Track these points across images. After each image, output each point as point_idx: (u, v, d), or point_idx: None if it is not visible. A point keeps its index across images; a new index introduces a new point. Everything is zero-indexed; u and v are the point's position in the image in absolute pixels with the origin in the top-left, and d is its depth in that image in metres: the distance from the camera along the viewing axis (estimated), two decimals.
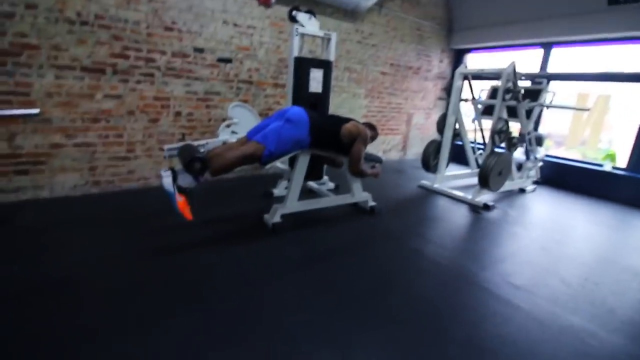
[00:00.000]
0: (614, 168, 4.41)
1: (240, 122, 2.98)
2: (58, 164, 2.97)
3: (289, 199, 2.71)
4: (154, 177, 3.48)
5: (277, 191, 3.45)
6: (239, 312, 1.66)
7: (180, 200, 2.09)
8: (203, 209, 2.99)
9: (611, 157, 4.42)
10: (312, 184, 3.60)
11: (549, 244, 2.80)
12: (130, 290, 1.78)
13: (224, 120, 3.76)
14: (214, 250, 2.27)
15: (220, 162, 2.21)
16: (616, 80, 4.46)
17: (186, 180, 2.12)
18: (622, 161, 4.39)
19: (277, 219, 2.65)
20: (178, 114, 3.48)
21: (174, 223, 2.63)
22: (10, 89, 2.66)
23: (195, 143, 2.61)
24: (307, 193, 3.46)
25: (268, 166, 2.43)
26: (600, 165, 4.50)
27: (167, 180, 2.08)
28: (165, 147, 2.23)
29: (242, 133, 2.78)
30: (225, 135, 2.88)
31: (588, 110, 3.64)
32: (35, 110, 1.94)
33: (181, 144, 2.37)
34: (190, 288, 1.84)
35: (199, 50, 3.47)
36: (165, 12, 3.21)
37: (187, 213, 2.10)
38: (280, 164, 3.23)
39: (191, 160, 2.07)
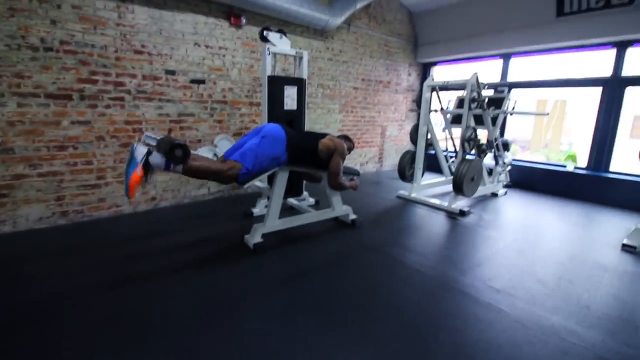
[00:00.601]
0: (576, 168, 4.69)
1: (221, 152, 2.94)
2: (21, 195, 2.81)
3: (269, 217, 2.68)
4: (127, 203, 3.36)
5: (257, 210, 3.41)
6: (224, 337, 1.61)
7: (138, 173, 1.93)
8: (182, 230, 2.92)
9: (572, 157, 4.71)
10: (292, 200, 3.59)
11: (524, 246, 2.91)
12: (104, 322, 1.69)
13: (199, 141, 3.72)
14: (195, 274, 2.20)
15: (196, 164, 2.14)
16: (571, 86, 4.80)
17: (157, 160, 1.99)
18: (583, 161, 4.68)
19: (258, 239, 2.61)
20: None
21: (151, 249, 2.54)
22: None
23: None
24: (287, 210, 3.45)
25: (247, 185, 2.41)
26: (564, 166, 4.78)
27: (140, 149, 1.96)
28: (146, 133, 2.12)
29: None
30: (205, 154, 2.84)
31: (547, 114, 3.88)
32: None
33: (162, 136, 2.28)
34: (171, 314, 1.76)
35: (171, 72, 3.44)
36: (134, 36, 3.18)
37: (134, 191, 1.94)
38: (259, 183, 3.21)
39: (175, 144, 1.97)
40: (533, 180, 4.97)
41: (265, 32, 3.16)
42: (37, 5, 2.71)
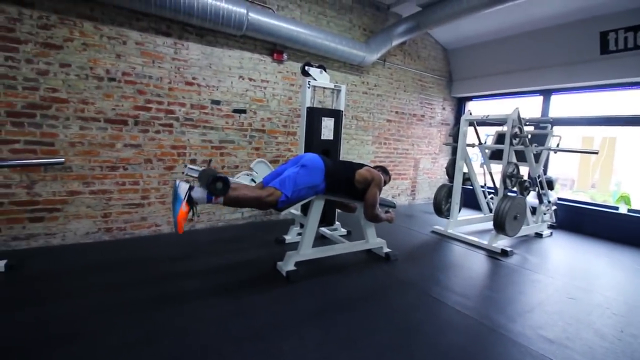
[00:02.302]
0: (629, 210, 4.34)
1: (258, 176, 3.04)
2: (73, 210, 2.99)
3: (303, 245, 2.66)
4: (166, 224, 3.48)
5: (289, 237, 3.40)
6: None
7: (184, 209, 2.00)
8: (216, 253, 2.95)
9: (625, 199, 4.37)
10: (324, 229, 3.55)
11: (576, 293, 2.66)
12: (137, 343, 1.69)
13: (236, 167, 3.85)
14: (227, 300, 2.19)
15: (236, 194, 2.19)
16: (618, 124, 4.57)
17: (199, 194, 2.07)
18: (636, 203, 4.33)
19: (291, 266, 2.58)
20: (193, 161, 3.57)
21: (185, 270, 2.58)
22: (36, 139, 2.78)
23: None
24: (319, 239, 3.41)
25: (284, 212, 2.43)
26: (616, 208, 4.43)
27: (183, 186, 2.04)
28: (188, 165, 2.22)
29: (259, 179, 2.82)
30: (242, 180, 2.92)
31: (597, 152, 3.67)
32: (61, 159, 2.00)
33: (204, 167, 2.38)
34: (202, 341, 1.74)
35: (216, 102, 3.66)
36: (187, 69, 3.45)
37: (182, 226, 2.01)
38: (293, 210, 3.22)
39: (216, 177, 2.05)
40: (581, 222, 4.63)
41: (306, 67, 3.31)
42: (107, 41, 3.03)
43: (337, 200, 2.88)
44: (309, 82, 3.27)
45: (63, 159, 2.23)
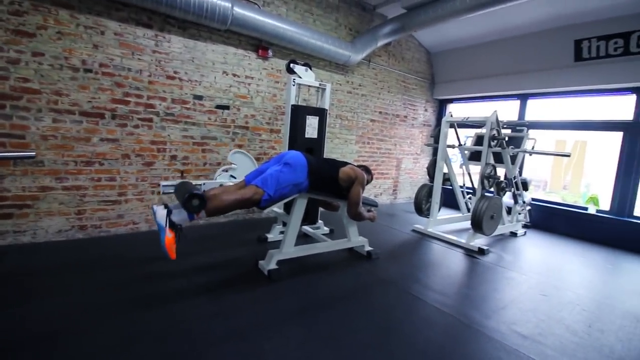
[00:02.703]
0: (598, 211, 4.56)
1: (238, 168, 2.99)
2: (45, 207, 2.86)
3: (286, 244, 2.65)
4: (144, 221, 3.38)
5: (272, 236, 3.38)
6: None
7: (169, 236, 1.97)
8: (195, 254, 2.89)
9: (594, 200, 4.59)
10: (306, 228, 3.55)
11: (548, 289, 2.78)
12: (116, 346, 1.64)
13: (219, 164, 3.79)
14: (208, 299, 2.15)
15: (217, 203, 2.13)
16: (591, 129, 4.79)
17: (180, 216, 2.03)
18: (605, 204, 4.56)
19: (273, 265, 2.57)
20: (173, 157, 3.49)
21: (163, 270, 2.52)
22: (5, 131, 2.64)
23: (193, 182, 2.58)
24: (302, 237, 3.41)
25: (267, 210, 2.41)
26: (585, 209, 4.66)
27: (160, 213, 1.99)
28: (162, 183, 2.17)
29: (240, 178, 2.78)
30: (222, 179, 2.87)
31: (569, 155, 3.84)
32: (32, 153, 1.90)
33: (178, 181, 2.32)
34: (183, 343, 1.70)
35: (198, 97, 3.59)
36: (168, 62, 3.36)
37: (172, 252, 1.97)
38: (276, 208, 3.21)
39: (190, 195, 1.98)
40: (553, 221, 4.84)
41: (292, 65, 3.29)
42: (83, 30, 2.91)
43: (320, 199, 2.88)
44: (294, 79, 3.26)
45: (34, 153, 2.12)
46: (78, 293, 2.11)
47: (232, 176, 2.92)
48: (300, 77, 3.31)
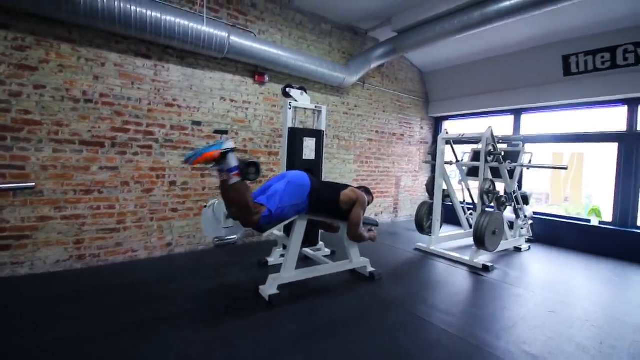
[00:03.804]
0: (601, 223, 4.53)
1: None
2: (43, 237, 2.84)
3: (286, 268, 2.61)
4: (143, 248, 3.35)
5: (272, 259, 3.33)
6: None
7: (216, 155, 2.04)
8: (195, 279, 2.85)
9: (596, 212, 4.57)
10: (307, 250, 3.51)
11: (556, 306, 2.71)
12: None
13: (217, 188, 3.78)
14: (207, 328, 2.10)
15: (243, 186, 2.17)
16: (586, 141, 4.83)
17: (231, 160, 2.10)
18: (607, 216, 4.53)
19: (273, 290, 2.52)
20: (172, 183, 3.50)
21: (162, 297, 2.47)
22: (5, 163, 2.66)
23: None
24: (302, 260, 3.36)
25: (266, 233, 2.39)
26: (588, 221, 4.62)
27: (229, 143, 2.11)
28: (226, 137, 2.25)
29: None
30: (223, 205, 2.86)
31: (566, 168, 3.86)
32: (32, 184, 1.90)
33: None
34: None
35: (197, 123, 3.64)
36: (167, 90, 3.44)
37: (197, 162, 2.04)
38: (276, 231, 3.18)
39: (252, 162, 2.22)
40: (557, 235, 4.79)
41: (287, 89, 3.37)
42: (84, 63, 3.00)
43: (320, 220, 2.87)
44: (290, 103, 3.32)
45: (33, 184, 2.11)
46: (73, 322, 2.06)
47: None
48: (296, 101, 3.38)
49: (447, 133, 4.26)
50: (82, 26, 2.91)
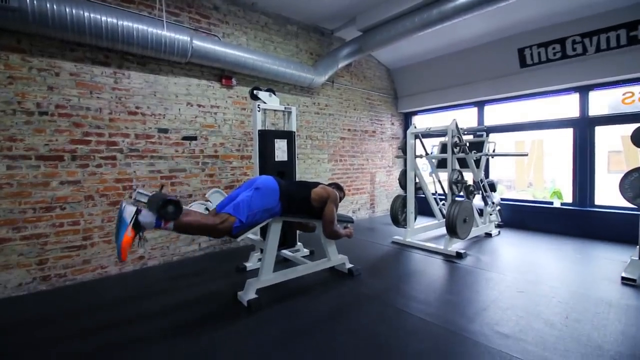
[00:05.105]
0: (562, 204, 4.81)
1: (214, 206, 2.94)
2: (2, 260, 2.67)
3: (264, 271, 2.59)
4: (113, 264, 3.21)
5: (251, 264, 3.29)
6: None
7: (129, 235, 1.87)
8: (171, 291, 2.77)
9: (558, 194, 4.85)
10: (285, 252, 3.50)
11: (525, 286, 2.86)
12: None
13: (189, 196, 3.70)
14: (185, 340, 2.04)
15: (189, 219, 2.09)
16: (544, 128, 5.11)
17: (148, 219, 1.94)
18: (568, 197, 4.81)
19: (252, 295, 2.49)
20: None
21: (137, 313, 2.38)
22: None
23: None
24: (281, 262, 3.35)
25: (240, 238, 2.36)
26: (551, 203, 4.89)
27: (129, 209, 1.90)
28: (138, 189, 2.09)
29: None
30: (196, 208, 2.80)
31: (527, 154, 4.07)
32: None
33: (155, 190, 2.25)
34: None
35: (163, 130, 3.54)
36: (129, 98, 3.31)
37: (126, 253, 1.87)
38: (252, 235, 3.15)
39: (167, 200, 1.94)
40: (523, 218, 5.04)
41: (255, 91, 3.34)
42: (36, 73, 2.84)
43: (295, 221, 2.87)
44: (259, 105, 3.30)
45: None
46: (40, 348, 1.95)
47: (207, 209, 2.86)
48: (265, 103, 3.36)
49: (415, 127, 4.38)
50: (31, 34, 2.76)
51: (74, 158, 2.99)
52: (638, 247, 2.92)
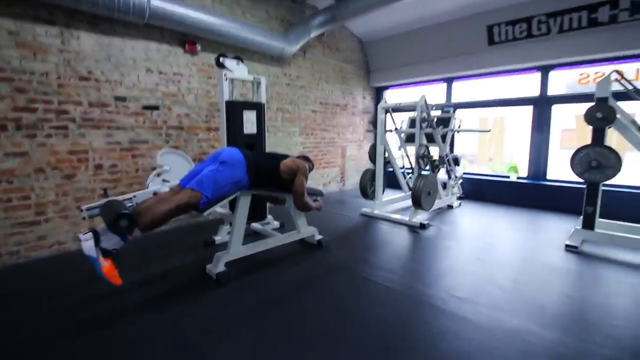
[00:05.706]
0: (518, 178, 5.13)
1: (172, 170, 2.82)
2: None
3: (233, 244, 2.59)
4: (71, 239, 3.06)
5: (219, 238, 3.27)
6: None
7: (105, 265, 1.83)
8: (137, 267, 2.70)
9: (514, 169, 5.16)
10: (256, 225, 3.50)
11: (482, 253, 3.07)
12: None
13: (153, 169, 3.53)
14: (151, 314, 2.03)
15: (150, 217, 1.99)
16: (507, 105, 5.33)
17: (111, 241, 1.88)
18: (524, 171, 5.14)
19: (221, 268, 2.49)
20: (99, 166, 3.18)
21: (101, 290, 2.31)
22: None
23: (121, 198, 2.36)
24: (251, 235, 3.35)
25: (207, 212, 2.31)
26: (507, 177, 5.21)
27: (87, 245, 1.82)
28: (84, 207, 1.97)
29: (175, 181, 2.62)
30: (155, 186, 2.68)
31: (489, 131, 4.26)
32: None
33: (103, 200, 2.12)
34: None
35: (121, 99, 3.29)
36: (80, 62, 3.02)
37: (115, 278, 1.85)
38: (220, 209, 3.10)
39: (116, 217, 1.84)
40: (482, 191, 5.35)
41: (221, 59, 3.16)
42: None
43: (264, 194, 2.85)
44: (226, 74, 3.14)
45: None
46: (1, 331, 1.86)
47: (164, 180, 2.75)
48: (232, 71, 3.20)
49: (386, 102, 4.39)
50: None
51: (18, 127, 2.73)
52: (581, 217, 3.20)
